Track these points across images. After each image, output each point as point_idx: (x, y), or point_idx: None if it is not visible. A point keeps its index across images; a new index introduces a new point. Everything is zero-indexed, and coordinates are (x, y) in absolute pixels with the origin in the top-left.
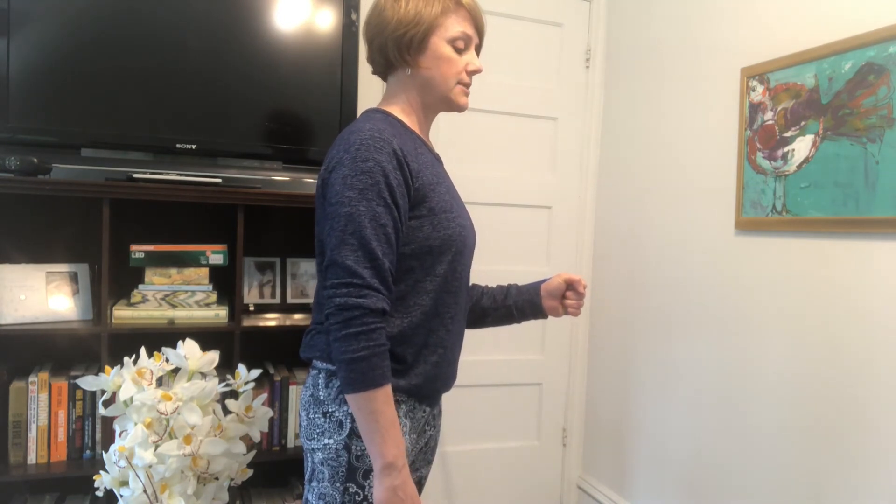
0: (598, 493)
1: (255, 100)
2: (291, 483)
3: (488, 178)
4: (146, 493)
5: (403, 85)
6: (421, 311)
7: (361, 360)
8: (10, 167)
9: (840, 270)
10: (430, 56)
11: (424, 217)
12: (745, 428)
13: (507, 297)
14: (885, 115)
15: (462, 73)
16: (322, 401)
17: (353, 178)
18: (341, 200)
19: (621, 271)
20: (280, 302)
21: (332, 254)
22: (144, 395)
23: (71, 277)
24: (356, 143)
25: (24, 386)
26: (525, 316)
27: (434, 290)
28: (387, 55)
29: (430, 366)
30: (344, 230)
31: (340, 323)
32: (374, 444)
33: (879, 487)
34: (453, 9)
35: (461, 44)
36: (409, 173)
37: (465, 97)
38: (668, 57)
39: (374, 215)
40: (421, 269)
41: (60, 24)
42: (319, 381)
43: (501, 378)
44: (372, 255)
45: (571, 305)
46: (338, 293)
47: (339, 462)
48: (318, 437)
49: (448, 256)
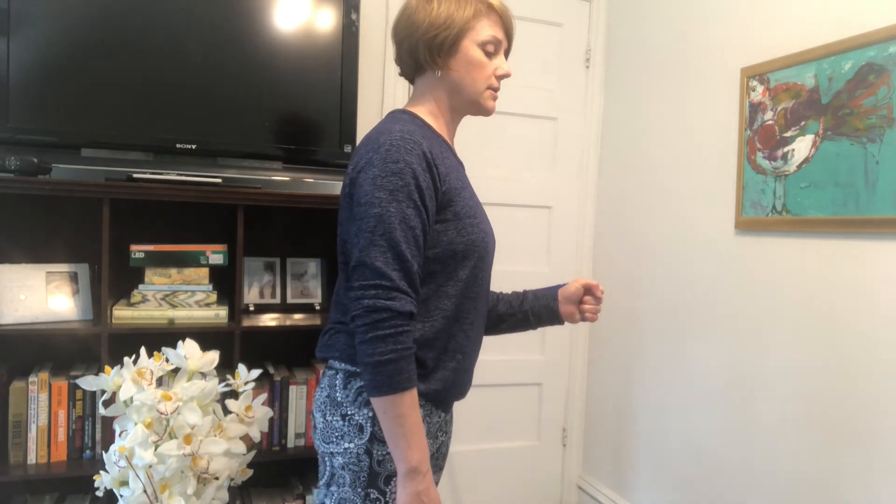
0: (598, 493)
1: (255, 100)
2: (291, 483)
3: (488, 178)
4: (146, 493)
5: (432, 87)
6: (442, 315)
7: (389, 363)
8: (10, 167)
9: (840, 270)
10: (460, 59)
11: (449, 221)
12: (745, 427)
13: (523, 302)
14: (885, 115)
15: (491, 78)
16: (340, 402)
17: (383, 179)
18: (371, 201)
19: (621, 271)
20: (280, 302)
21: (361, 255)
22: (144, 395)
23: (71, 277)
24: (386, 144)
25: (24, 386)
26: (541, 322)
27: (456, 294)
28: (417, 57)
29: (449, 371)
30: (373, 231)
31: (368, 325)
32: (399, 449)
33: (881, 487)
34: (485, 12)
35: (491, 48)
36: (437, 176)
37: (493, 101)
38: (668, 57)
39: (404, 217)
40: (444, 273)
41: (60, 24)
42: (337, 382)
43: (501, 378)
44: (401, 257)
45: (589, 311)
46: (366, 294)
47: (360, 467)
48: (337, 441)
49: (471, 262)
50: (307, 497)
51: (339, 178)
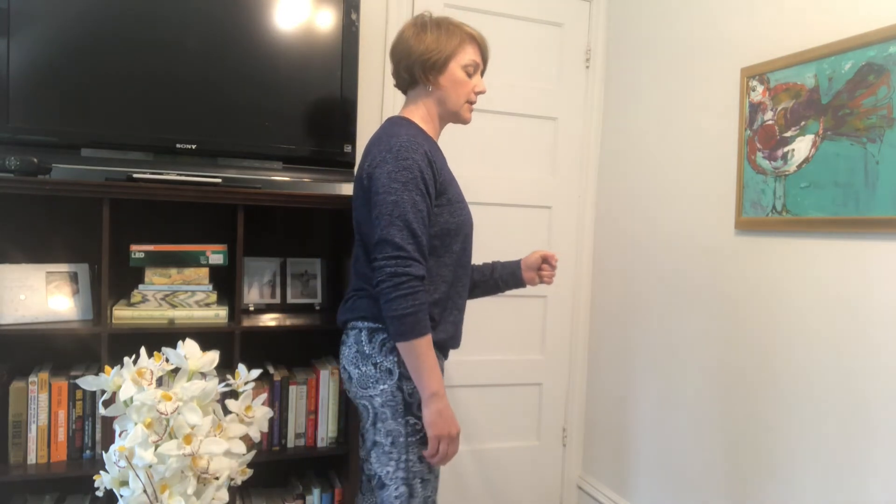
0: (598, 493)
1: (255, 100)
2: (291, 483)
3: (488, 178)
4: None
5: (423, 98)
6: (443, 281)
7: (410, 315)
8: (10, 167)
9: (840, 270)
10: (447, 77)
11: (444, 206)
12: (746, 428)
13: (493, 271)
14: (885, 115)
15: (470, 93)
16: (369, 354)
17: (396, 173)
18: (388, 190)
19: (621, 271)
20: (280, 302)
21: (383, 232)
22: (144, 395)
23: (71, 277)
24: (397, 146)
25: (24, 386)
26: (507, 286)
27: (452, 264)
28: (413, 74)
29: (450, 324)
30: (391, 214)
31: (392, 287)
32: (422, 380)
33: (882, 487)
34: (468, 41)
35: (471, 69)
36: (435, 170)
37: (469, 113)
38: (667, 57)
39: (414, 202)
40: (442, 247)
41: (60, 25)
42: (363, 338)
43: (501, 378)
44: (414, 233)
45: (546, 275)
46: (388, 264)
47: (396, 401)
48: (374, 385)
49: (460, 237)
50: (307, 497)
51: (339, 178)
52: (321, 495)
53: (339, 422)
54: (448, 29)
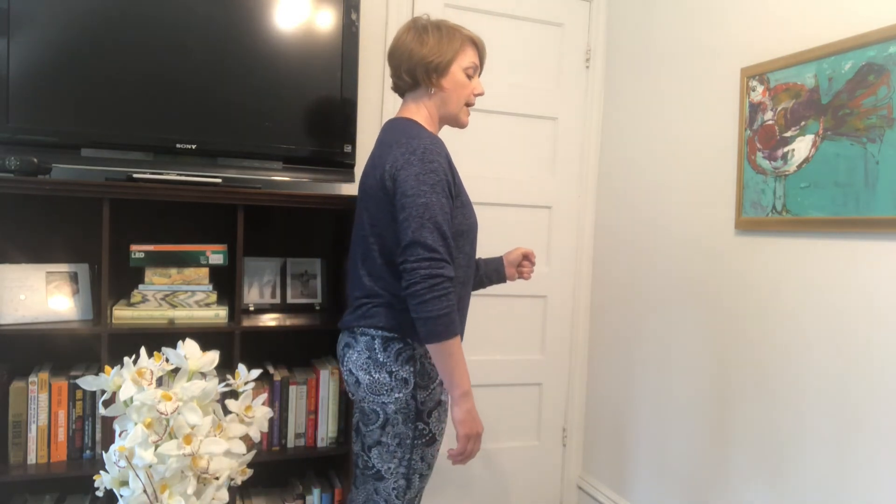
0: (598, 493)
1: (255, 100)
2: (291, 483)
3: (488, 177)
4: (146, 493)
5: (425, 101)
6: (457, 281)
7: (444, 316)
8: (10, 167)
9: (840, 270)
10: (450, 79)
11: (458, 208)
12: (745, 428)
13: (478, 268)
14: (885, 115)
15: (470, 95)
16: (383, 363)
17: (424, 175)
18: (417, 193)
19: (621, 271)
20: (280, 302)
21: (415, 234)
22: (144, 395)
23: (71, 277)
24: (421, 148)
25: (24, 386)
26: (492, 282)
27: (463, 264)
28: (415, 76)
29: (460, 319)
30: (422, 216)
31: (427, 288)
32: (454, 379)
33: (882, 487)
34: (468, 44)
35: (471, 71)
36: (453, 173)
37: (467, 116)
38: (667, 57)
39: (442, 205)
40: (456, 248)
41: (60, 25)
42: (376, 346)
43: (501, 378)
44: (444, 235)
45: (525, 271)
46: (422, 265)
47: (409, 409)
48: (387, 393)
49: (470, 238)
50: (307, 497)
51: (339, 178)
52: (321, 495)
53: (339, 422)
54: (448, 32)
